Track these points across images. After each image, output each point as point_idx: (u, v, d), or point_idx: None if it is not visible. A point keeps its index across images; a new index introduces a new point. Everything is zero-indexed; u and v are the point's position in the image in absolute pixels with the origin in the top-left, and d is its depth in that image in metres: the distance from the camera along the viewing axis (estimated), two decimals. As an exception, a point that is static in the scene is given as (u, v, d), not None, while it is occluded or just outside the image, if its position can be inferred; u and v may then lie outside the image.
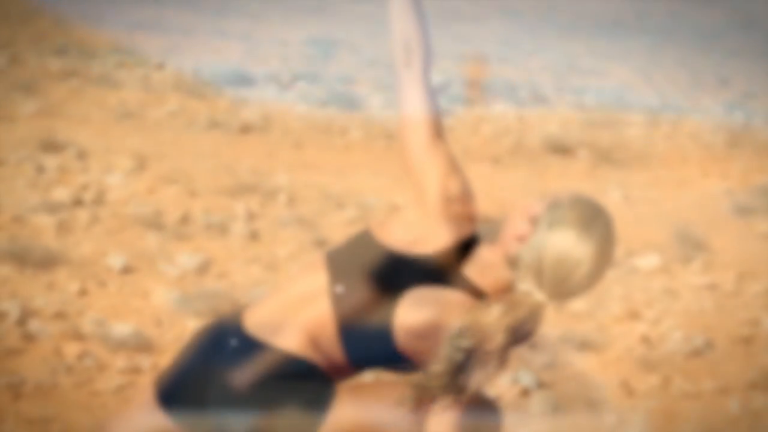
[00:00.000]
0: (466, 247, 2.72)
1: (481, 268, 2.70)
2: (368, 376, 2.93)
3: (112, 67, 14.65)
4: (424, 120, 2.76)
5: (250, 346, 2.71)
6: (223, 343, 2.74)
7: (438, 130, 2.77)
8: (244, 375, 2.69)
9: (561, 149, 12.58)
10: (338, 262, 2.74)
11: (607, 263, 2.63)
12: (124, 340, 5.63)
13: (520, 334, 2.58)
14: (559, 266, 2.58)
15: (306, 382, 2.67)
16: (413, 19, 2.80)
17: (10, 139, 9.82)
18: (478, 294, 2.67)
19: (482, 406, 2.66)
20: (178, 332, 5.99)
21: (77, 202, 7.98)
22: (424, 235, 2.71)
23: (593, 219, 2.62)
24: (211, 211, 8.25)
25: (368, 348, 2.69)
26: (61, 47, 15.38)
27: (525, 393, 5.81)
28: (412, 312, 2.65)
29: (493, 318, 2.55)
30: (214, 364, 2.73)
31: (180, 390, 2.76)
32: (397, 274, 2.68)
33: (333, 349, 2.70)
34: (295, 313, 2.72)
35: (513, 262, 2.63)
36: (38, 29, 16.98)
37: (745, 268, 8.31)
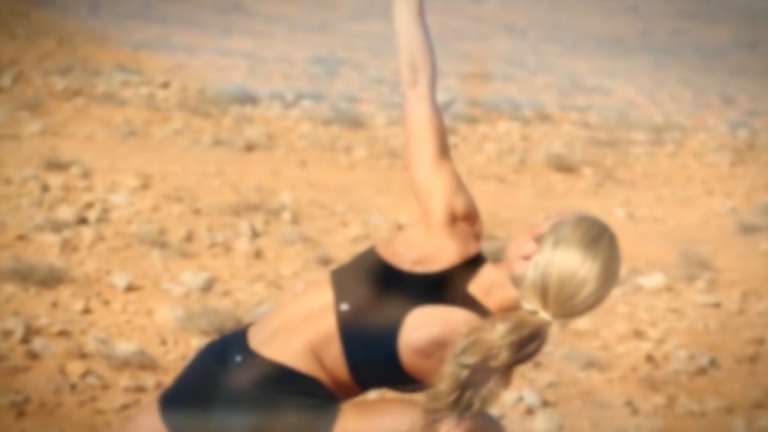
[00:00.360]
0: (471, 265, 2.72)
1: (486, 287, 2.70)
2: (372, 394, 2.93)
3: (117, 86, 14.68)
4: (430, 139, 2.76)
5: (254, 362, 2.71)
6: (228, 360, 2.74)
7: (443, 149, 2.77)
8: (248, 391, 2.69)
9: (565, 167, 12.59)
10: (344, 281, 2.74)
11: (612, 282, 2.63)
12: (128, 359, 5.63)
13: (525, 353, 2.58)
14: (564, 285, 2.58)
15: (310, 399, 2.67)
16: (418, 38, 2.80)
17: (15, 157, 9.83)
18: (483, 313, 2.66)
19: (486, 424, 2.66)
20: (183, 351, 5.99)
21: (81, 221, 7.98)
22: (430, 254, 2.71)
23: (598, 238, 2.62)
24: (216, 229, 8.25)
25: (373, 366, 2.69)
26: (66, 66, 15.42)
27: (530, 411, 5.80)
28: (417, 331, 2.65)
29: (498, 336, 2.55)
30: (219, 380, 2.73)
31: (184, 406, 2.76)
32: (403, 292, 2.68)
33: (338, 367, 2.69)
34: (300, 331, 2.72)
35: (518, 281, 2.63)
36: (43, 48, 17.02)
37: (749, 286, 8.30)
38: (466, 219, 2.74)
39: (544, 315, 2.58)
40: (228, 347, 2.77)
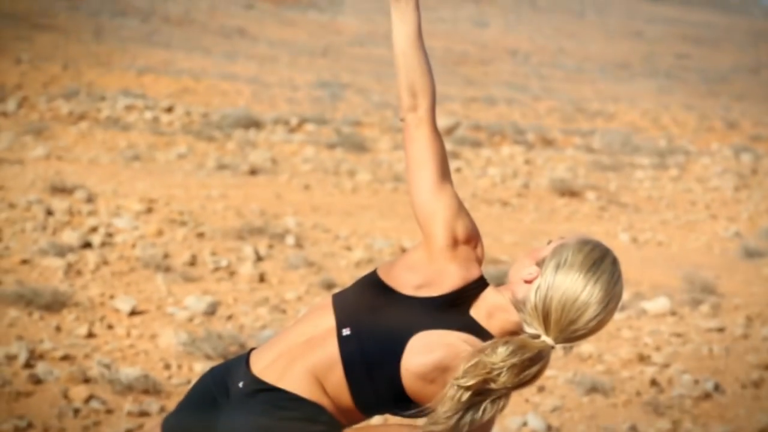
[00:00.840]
0: (473, 289, 2.71)
1: (488, 310, 2.69)
2: (375, 419, 2.92)
3: (121, 110, 14.71)
4: (430, 163, 2.76)
5: (257, 388, 2.70)
6: (231, 386, 2.74)
7: (444, 173, 2.77)
8: (251, 418, 2.68)
9: (569, 191, 12.59)
10: (345, 305, 2.73)
11: (614, 306, 2.62)
12: (132, 383, 5.62)
13: (526, 376, 2.57)
14: (566, 309, 2.57)
15: (313, 425, 2.66)
16: (417, 62, 2.80)
17: (19, 182, 9.85)
18: (485, 337, 2.66)
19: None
20: (186, 375, 5.98)
21: (86, 245, 7.99)
22: (432, 278, 2.70)
23: (599, 261, 2.62)
24: (219, 254, 8.25)
25: (376, 392, 2.68)
26: (71, 91, 15.46)
27: (533, 436, 5.78)
28: (419, 356, 2.64)
29: (499, 358, 2.54)
30: (221, 406, 2.72)
31: (187, 431, 2.75)
32: (405, 317, 2.67)
33: (341, 392, 2.68)
34: (302, 356, 2.71)
35: (520, 305, 2.63)
36: (48, 73, 17.07)
37: (753, 311, 8.28)
38: (468, 242, 2.74)
39: (546, 339, 2.58)
40: (230, 373, 2.77)
